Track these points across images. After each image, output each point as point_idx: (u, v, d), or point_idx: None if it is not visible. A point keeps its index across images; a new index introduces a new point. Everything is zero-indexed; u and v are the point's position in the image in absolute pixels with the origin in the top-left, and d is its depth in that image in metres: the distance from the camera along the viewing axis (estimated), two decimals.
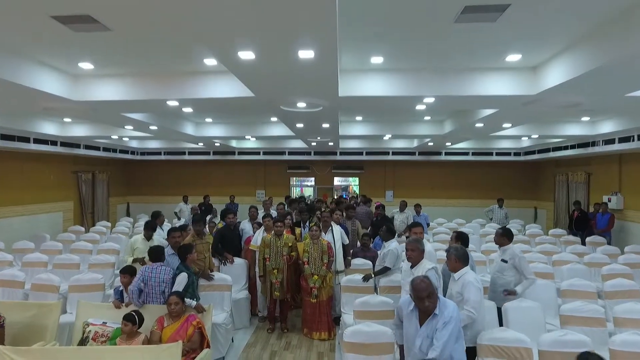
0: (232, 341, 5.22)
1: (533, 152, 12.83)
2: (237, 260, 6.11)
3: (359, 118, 9.23)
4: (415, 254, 3.73)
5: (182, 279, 4.11)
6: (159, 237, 5.71)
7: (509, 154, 13.49)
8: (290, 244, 5.57)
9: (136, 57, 4.76)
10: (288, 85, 4.68)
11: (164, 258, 4.41)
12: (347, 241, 6.14)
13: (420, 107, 5.89)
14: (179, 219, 11.74)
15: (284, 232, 5.68)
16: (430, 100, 5.38)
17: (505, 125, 7.82)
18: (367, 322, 3.99)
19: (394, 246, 5.36)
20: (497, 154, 13.45)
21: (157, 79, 5.32)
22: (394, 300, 5.09)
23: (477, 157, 13.50)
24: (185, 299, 4.00)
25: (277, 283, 5.43)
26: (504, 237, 4.66)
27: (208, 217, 8.90)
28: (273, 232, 5.63)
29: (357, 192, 14.89)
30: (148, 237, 5.51)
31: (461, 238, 4.52)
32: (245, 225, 6.83)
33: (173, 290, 4.01)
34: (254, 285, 6.07)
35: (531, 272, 4.49)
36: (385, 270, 5.28)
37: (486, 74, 5.04)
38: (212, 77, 5.27)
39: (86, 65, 4.90)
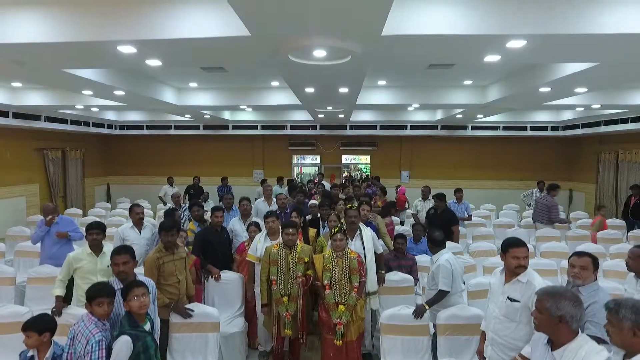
0: None
1: (575, 127, 11.03)
2: (227, 274, 4.40)
3: (382, 82, 7.35)
4: (544, 318, 1.98)
5: (121, 348, 2.33)
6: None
7: (545, 128, 11.69)
8: (306, 259, 3.82)
9: None
10: (308, 12, 2.82)
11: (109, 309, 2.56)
12: (380, 250, 4.37)
13: (491, 58, 4.04)
14: (164, 204, 10.00)
15: (298, 241, 3.91)
16: (518, 44, 3.53)
17: (579, 90, 5.98)
18: None
19: (446, 258, 3.68)
20: (532, 128, 11.66)
21: (100, 10, 3.43)
22: (458, 345, 3.47)
23: (508, 132, 11.67)
24: None
25: (287, 316, 3.72)
26: None
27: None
28: (281, 240, 3.87)
29: (367, 172, 13.13)
30: (96, 250, 3.69)
31: None
32: (236, 225, 5.05)
33: None
34: (253, 310, 4.36)
35: None
36: (442, 297, 3.61)
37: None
38: (184, 6, 3.40)
39: None
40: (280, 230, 4.05)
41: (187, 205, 6.50)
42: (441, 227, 6.00)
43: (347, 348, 3.68)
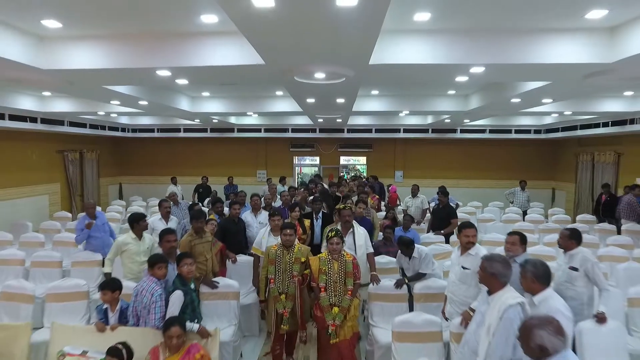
0: (241, 356, 4.46)
1: (555, 130, 11.94)
2: (242, 258, 5.27)
3: (375, 92, 8.23)
4: (482, 274, 2.89)
5: (176, 299, 3.22)
6: (149, 236, 4.73)
7: (528, 131, 12.62)
8: (303, 259, 4.04)
9: (116, 13, 3.75)
10: (311, 48, 3.70)
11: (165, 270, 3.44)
12: (371, 249, 4.78)
13: (461, 78, 4.93)
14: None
15: (296, 240, 4.14)
16: (479, 70, 4.42)
17: (546, 100, 6.88)
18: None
19: (426, 250, 4.67)
20: (516, 131, 12.57)
21: (144, 43, 4.31)
22: (431, 310, 4.34)
23: (494, 135, 12.59)
24: (186, 323, 3.16)
25: (285, 313, 3.98)
26: (571, 239, 3.83)
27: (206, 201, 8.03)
28: (280, 241, 4.14)
29: (364, 171, 14.01)
30: (139, 235, 4.57)
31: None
32: (248, 218, 5.87)
33: (168, 316, 3.15)
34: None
35: (606, 282, 3.70)
36: (420, 277, 4.50)
37: (552, 36, 4.06)
38: (211, 39, 4.27)
39: (52, 24, 3.88)
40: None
41: (190, 203, 7.18)
42: (443, 219, 6.92)
43: (340, 347, 3.76)
